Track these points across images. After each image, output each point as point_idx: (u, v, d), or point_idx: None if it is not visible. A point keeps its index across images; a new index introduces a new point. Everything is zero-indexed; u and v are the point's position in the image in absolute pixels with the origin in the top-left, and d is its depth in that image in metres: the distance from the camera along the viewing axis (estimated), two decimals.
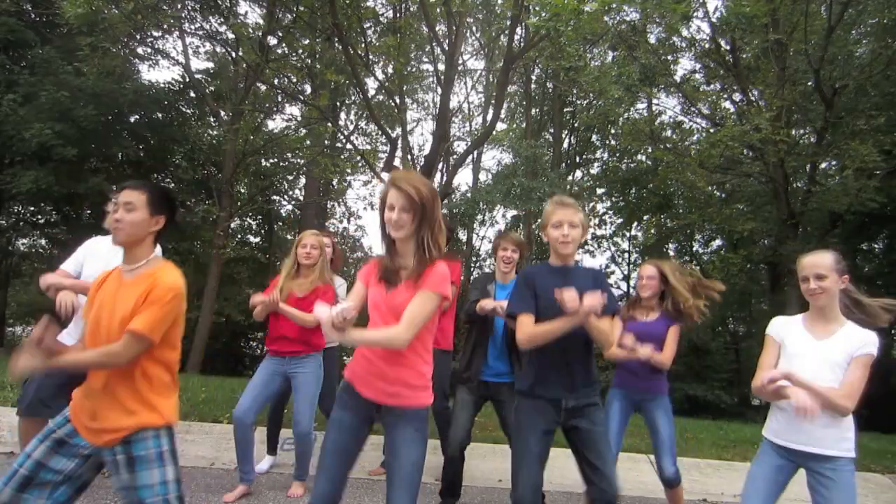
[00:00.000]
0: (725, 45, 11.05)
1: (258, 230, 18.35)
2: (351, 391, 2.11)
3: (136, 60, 12.95)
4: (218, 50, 13.53)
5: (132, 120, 13.35)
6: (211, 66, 14.60)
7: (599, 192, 17.97)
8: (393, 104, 11.72)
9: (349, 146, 13.56)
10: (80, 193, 11.96)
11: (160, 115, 13.59)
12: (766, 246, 13.81)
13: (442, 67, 11.08)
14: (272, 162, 15.61)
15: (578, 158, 18.45)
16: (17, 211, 14.60)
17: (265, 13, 11.80)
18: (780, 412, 2.34)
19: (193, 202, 14.63)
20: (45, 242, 16.11)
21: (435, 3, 9.58)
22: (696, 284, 3.30)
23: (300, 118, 13.32)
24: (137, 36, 11.25)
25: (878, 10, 10.44)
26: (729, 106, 12.75)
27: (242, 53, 11.50)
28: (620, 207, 17.42)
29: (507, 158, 18.03)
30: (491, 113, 12.35)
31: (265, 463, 4.07)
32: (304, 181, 16.32)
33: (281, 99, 13.23)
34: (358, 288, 2.15)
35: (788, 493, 2.31)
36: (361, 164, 13.70)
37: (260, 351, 17.43)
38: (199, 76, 13.75)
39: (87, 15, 8.88)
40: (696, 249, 18.26)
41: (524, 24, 9.91)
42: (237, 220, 16.04)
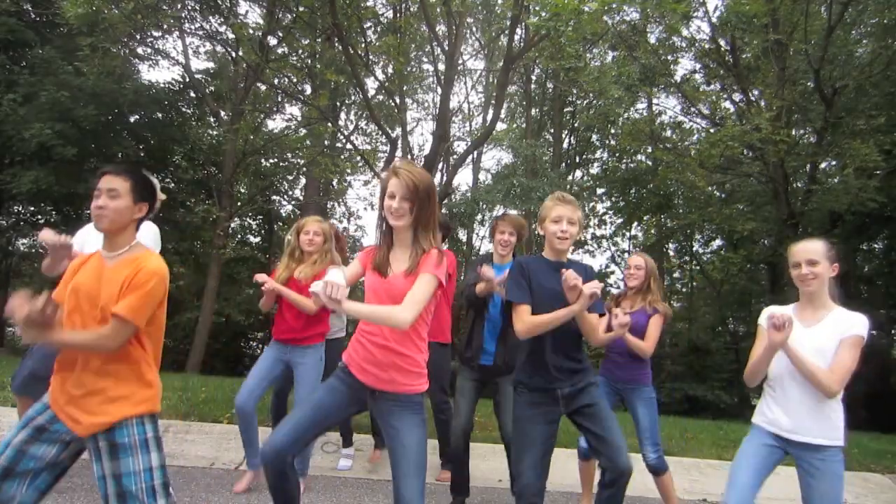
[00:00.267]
0: (725, 45, 11.05)
1: (258, 230, 18.35)
2: (347, 372, 2.16)
3: (136, 60, 12.94)
4: (218, 50, 13.53)
5: (132, 120, 13.35)
6: (211, 66, 14.59)
7: (599, 192, 17.97)
8: (393, 104, 11.73)
9: (349, 146, 13.55)
10: (80, 193, 11.93)
11: (160, 115, 13.57)
12: (766, 246, 13.82)
13: (442, 67, 11.09)
14: (272, 162, 15.62)
15: (578, 158, 18.44)
16: (17, 211, 14.60)
17: (265, 13, 11.79)
18: (770, 401, 2.36)
19: (193, 202, 14.62)
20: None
21: (435, 3, 9.58)
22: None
23: (300, 118, 13.32)
24: (137, 36, 11.25)
25: (878, 10, 10.45)
26: (729, 106, 12.77)
27: (242, 53, 11.50)
28: (620, 207, 17.42)
29: (506, 158, 18.05)
30: (491, 113, 12.35)
31: None
32: (304, 181, 16.30)
33: (281, 99, 13.24)
34: (354, 266, 2.18)
35: (789, 493, 2.32)
36: (361, 164, 13.72)
37: (260, 351, 17.42)
38: (199, 76, 13.74)
39: (87, 15, 8.89)
40: (696, 249, 18.26)
41: (524, 24, 9.90)
42: (237, 220, 16.03)
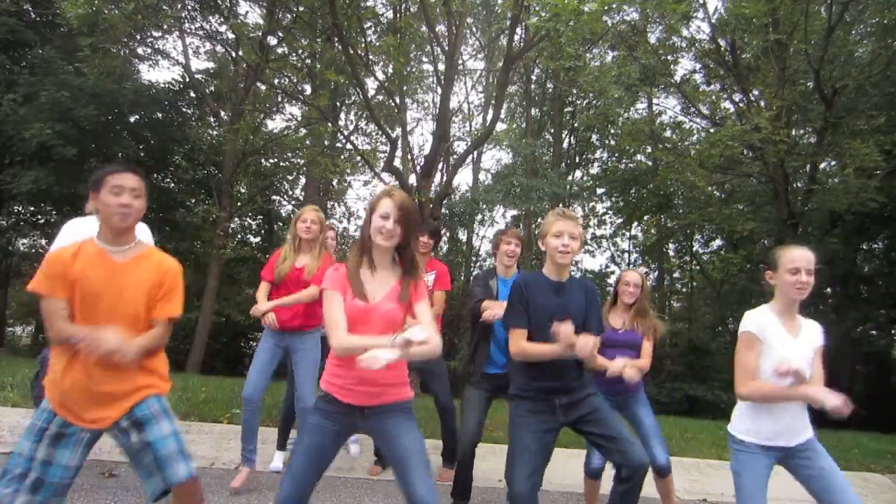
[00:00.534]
0: (725, 45, 11.04)
1: (258, 230, 18.34)
2: (331, 400, 2.10)
3: (136, 60, 12.96)
4: (218, 50, 13.53)
5: (132, 120, 13.36)
6: (211, 66, 14.59)
7: (599, 192, 17.97)
8: (393, 104, 11.72)
9: (349, 146, 13.56)
10: (80, 193, 11.93)
11: (160, 115, 13.58)
12: (766, 246, 13.80)
13: (442, 67, 11.08)
14: (272, 162, 15.62)
15: (578, 158, 18.43)
16: (17, 211, 14.61)
17: (265, 13, 11.79)
18: (764, 414, 2.27)
19: (193, 202, 14.62)
20: (45, 242, 16.09)
21: (435, 3, 9.58)
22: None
23: (300, 118, 13.33)
24: (137, 36, 11.26)
25: (878, 10, 10.45)
26: (729, 106, 12.76)
27: (242, 53, 11.51)
28: (620, 207, 17.42)
29: (506, 158, 18.05)
30: (491, 113, 12.34)
31: (278, 460, 4.07)
32: (304, 181, 16.31)
33: (281, 99, 13.24)
34: (339, 300, 2.04)
35: (789, 493, 2.32)
36: (361, 164, 13.72)
37: None
38: (199, 76, 13.74)
39: (87, 15, 8.91)
40: (696, 249, 18.25)
41: (524, 24, 9.90)
42: (237, 220, 16.03)
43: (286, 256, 3.61)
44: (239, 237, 17.15)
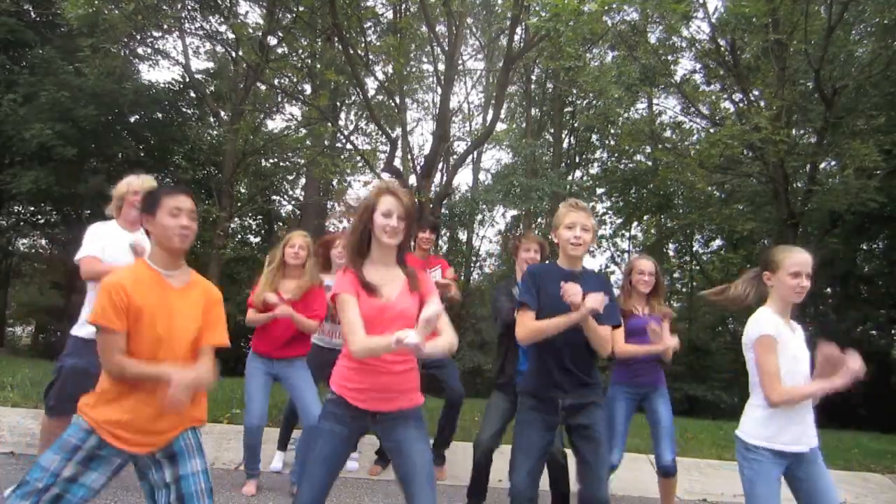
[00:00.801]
0: (725, 45, 11.04)
1: (258, 230, 18.32)
2: (343, 404, 2.08)
3: (136, 61, 12.94)
4: (218, 50, 13.51)
5: (132, 120, 13.33)
6: (211, 66, 14.57)
7: (599, 192, 17.94)
8: (393, 104, 11.72)
9: (349, 146, 13.55)
10: (80, 193, 11.94)
11: (160, 115, 13.56)
12: (766, 246, 13.80)
13: (442, 67, 11.08)
14: (272, 162, 15.59)
15: (578, 158, 18.42)
16: (17, 211, 14.59)
17: (265, 13, 11.78)
18: (771, 414, 2.22)
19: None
20: (45, 242, 16.12)
21: (435, 3, 9.58)
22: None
23: (300, 118, 13.31)
24: (137, 36, 11.25)
25: (878, 10, 10.44)
26: (729, 106, 12.75)
27: (242, 53, 11.49)
28: (620, 207, 17.40)
29: (506, 158, 18.04)
30: (491, 113, 12.35)
31: (278, 461, 4.07)
32: (304, 181, 16.30)
33: (281, 99, 13.22)
34: (353, 303, 2.02)
35: (789, 493, 2.31)
36: (361, 164, 13.69)
37: None
38: (199, 76, 13.73)
39: (87, 16, 8.91)
40: (696, 249, 18.24)
41: (524, 24, 9.90)
42: (237, 220, 16.00)
43: (269, 281, 3.54)
44: (239, 237, 17.12)
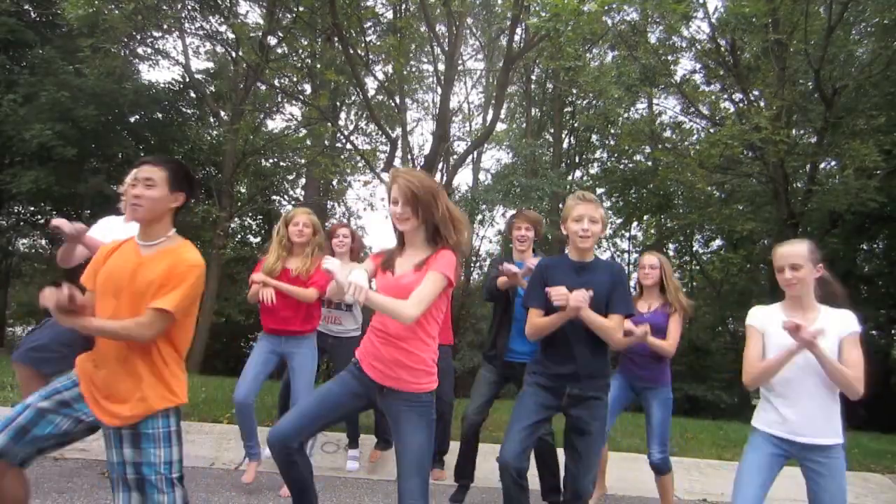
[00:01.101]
0: (725, 45, 11.04)
1: (258, 230, 18.31)
2: (359, 368, 2.19)
3: (136, 60, 12.95)
4: (218, 50, 13.52)
5: (132, 120, 13.34)
6: (211, 66, 14.58)
7: (599, 192, 17.92)
8: (393, 104, 11.73)
9: (349, 146, 13.55)
10: (80, 193, 11.95)
11: (160, 115, 13.57)
12: (766, 246, 13.80)
13: (442, 67, 11.08)
14: (272, 162, 15.61)
15: (578, 158, 18.43)
16: (17, 211, 14.59)
17: (265, 13, 11.79)
18: (777, 403, 2.29)
19: (193, 202, 14.61)
20: (45, 242, 16.09)
21: (435, 3, 9.58)
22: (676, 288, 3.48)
23: (300, 118, 13.32)
24: (138, 36, 11.26)
25: (878, 10, 10.45)
26: (729, 106, 12.75)
27: (242, 53, 11.49)
28: (620, 207, 17.40)
29: (506, 158, 18.04)
30: (491, 113, 12.35)
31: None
32: (304, 181, 16.31)
33: (281, 99, 13.23)
34: (368, 264, 2.23)
35: (790, 493, 2.32)
36: (361, 164, 13.70)
37: None
38: (199, 76, 13.73)
39: (87, 16, 8.91)
40: (696, 249, 18.25)
41: (524, 24, 9.90)
42: (237, 220, 16.01)
43: (278, 257, 3.50)
44: (239, 237, 17.12)
